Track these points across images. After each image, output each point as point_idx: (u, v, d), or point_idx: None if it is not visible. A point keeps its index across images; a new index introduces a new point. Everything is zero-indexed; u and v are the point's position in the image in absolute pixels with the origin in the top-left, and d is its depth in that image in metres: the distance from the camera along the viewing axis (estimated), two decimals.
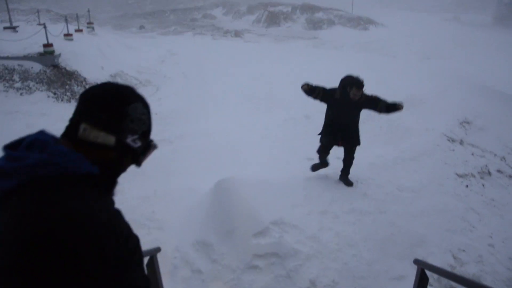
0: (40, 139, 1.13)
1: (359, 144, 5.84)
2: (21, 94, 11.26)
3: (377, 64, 19.29)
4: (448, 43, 26.62)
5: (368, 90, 5.59)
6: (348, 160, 5.92)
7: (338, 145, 5.85)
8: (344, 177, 6.02)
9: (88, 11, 21.07)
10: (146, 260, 3.34)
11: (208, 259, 4.43)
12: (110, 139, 1.20)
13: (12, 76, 11.87)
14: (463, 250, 5.05)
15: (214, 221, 4.82)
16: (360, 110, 5.66)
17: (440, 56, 22.27)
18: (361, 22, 36.00)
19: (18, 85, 11.54)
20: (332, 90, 5.56)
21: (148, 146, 1.33)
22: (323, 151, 6.01)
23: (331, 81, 5.94)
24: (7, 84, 11.52)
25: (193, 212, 5.32)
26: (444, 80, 15.72)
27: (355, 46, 25.97)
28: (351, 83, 5.36)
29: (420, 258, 4.70)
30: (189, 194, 6.00)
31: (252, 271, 4.21)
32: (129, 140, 1.24)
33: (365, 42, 27.79)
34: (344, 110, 5.53)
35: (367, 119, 11.33)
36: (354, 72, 5.66)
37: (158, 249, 3.42)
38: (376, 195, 5.90)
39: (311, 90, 5.52)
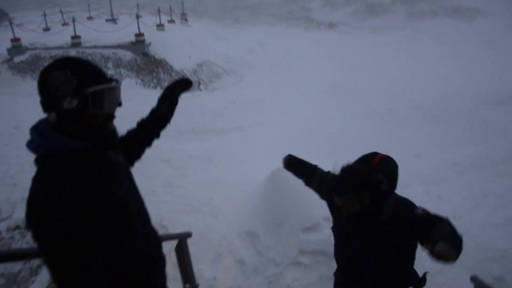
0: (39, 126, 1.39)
1: None
2: None
3: (474, 57, 17.56)
4: None
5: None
6: None
7: None
8: None
9: (182, 3, 21.93)
10: (175, 243, 3.24)
11: (253, 250, 4.24)
12: (53, 116, 1.33)
13: (107, 64, 12.69)
14: None
15: (264, 212, 4.60)
16: (387, 241, 2.04)
17: None
18: (468, 14, 33.00)
19: (111, 72, 12.30)
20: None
21: (92, 95, 1.33)
22: None
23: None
24: None
25: (247, 201, 5.16)
26: None
27: (456, 40, 23.86)
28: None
29: (496, 275, 4.07)
30: (248, 182, 5.85)
31: (296, 268, 3.92)
32: (65, 105, 1.31)
33: (469, 35, 25.41)
34: (349, 235, 2.22)
35: (456, 116, 10.27)
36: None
37: (188, 234, 3.30)
38: (453, 198, 5.26)
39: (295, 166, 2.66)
